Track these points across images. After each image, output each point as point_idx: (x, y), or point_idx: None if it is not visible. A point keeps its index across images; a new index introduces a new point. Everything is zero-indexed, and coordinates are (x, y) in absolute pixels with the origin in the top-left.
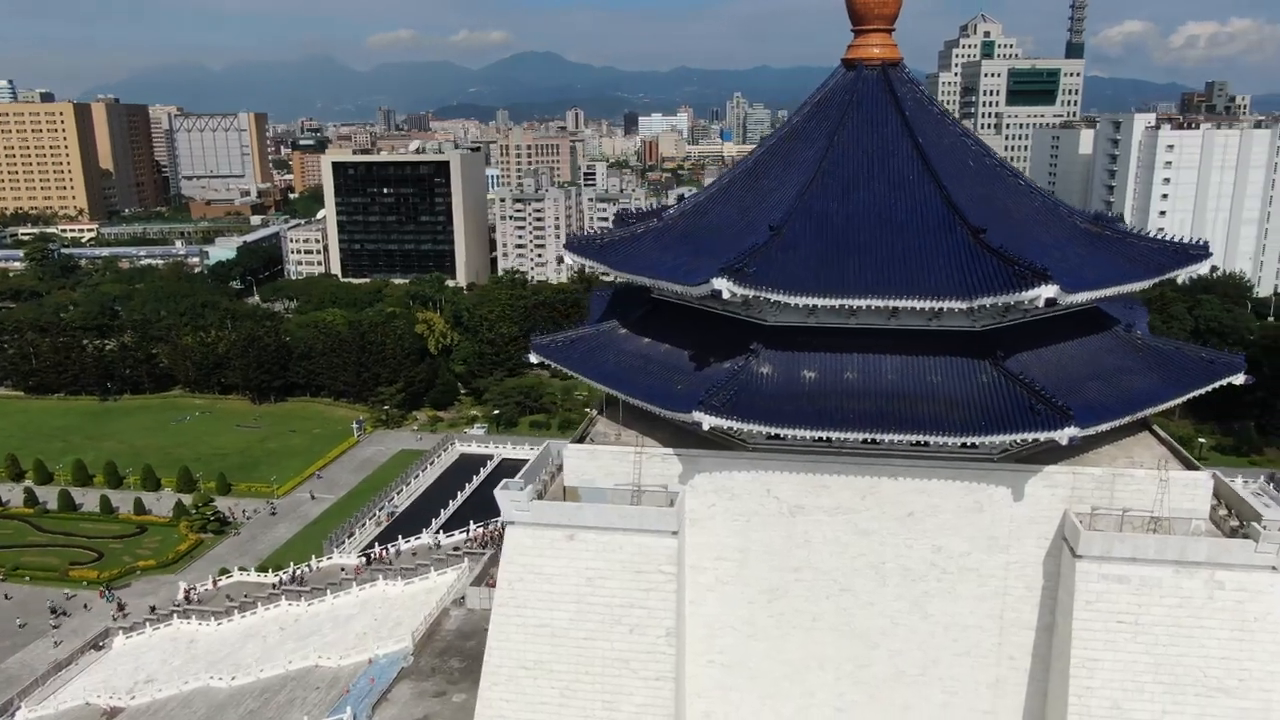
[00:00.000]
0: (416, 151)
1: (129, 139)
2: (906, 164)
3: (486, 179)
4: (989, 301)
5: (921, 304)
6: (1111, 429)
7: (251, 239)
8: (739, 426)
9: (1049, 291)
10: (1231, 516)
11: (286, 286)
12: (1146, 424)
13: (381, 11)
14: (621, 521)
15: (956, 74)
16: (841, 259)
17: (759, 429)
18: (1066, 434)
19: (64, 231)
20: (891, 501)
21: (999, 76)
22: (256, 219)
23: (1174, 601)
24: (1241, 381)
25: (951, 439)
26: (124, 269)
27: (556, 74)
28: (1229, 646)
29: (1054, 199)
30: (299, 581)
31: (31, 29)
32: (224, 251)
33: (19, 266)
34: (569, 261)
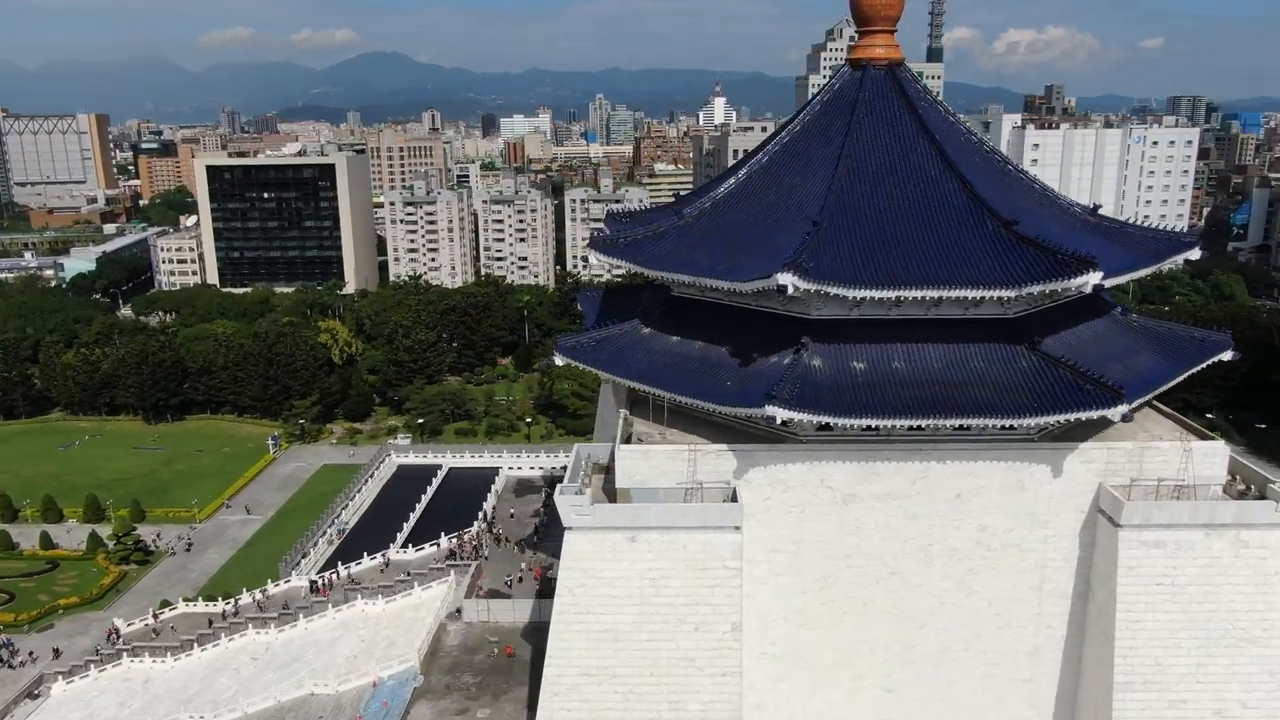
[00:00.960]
0: (298, 154)
1: None
2: (926, 160)
3: (372, 182)
4: (1036, 289)
5: (973, 293)
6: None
7: (111, 249)
8: (812, 419)
9: (1095, 278)
10: (1237, 482)
11: (162, 298)
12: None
13: (215, 9)
14: (685, 520)
15: (825, 76)
16: (883, 252)
17: (830, 420)
18: (1119, 411)
19: None
20: (940, 485)
21: None
22: (110, 227)
23: (1205, 562)
24: (1230, 357)
25: (1008, 421)
26: None
27: (406, 75)
28: (1253, 600)
29: (1050, 190)
30: (259, 608)
31: None
32: (82, 263)
33: None
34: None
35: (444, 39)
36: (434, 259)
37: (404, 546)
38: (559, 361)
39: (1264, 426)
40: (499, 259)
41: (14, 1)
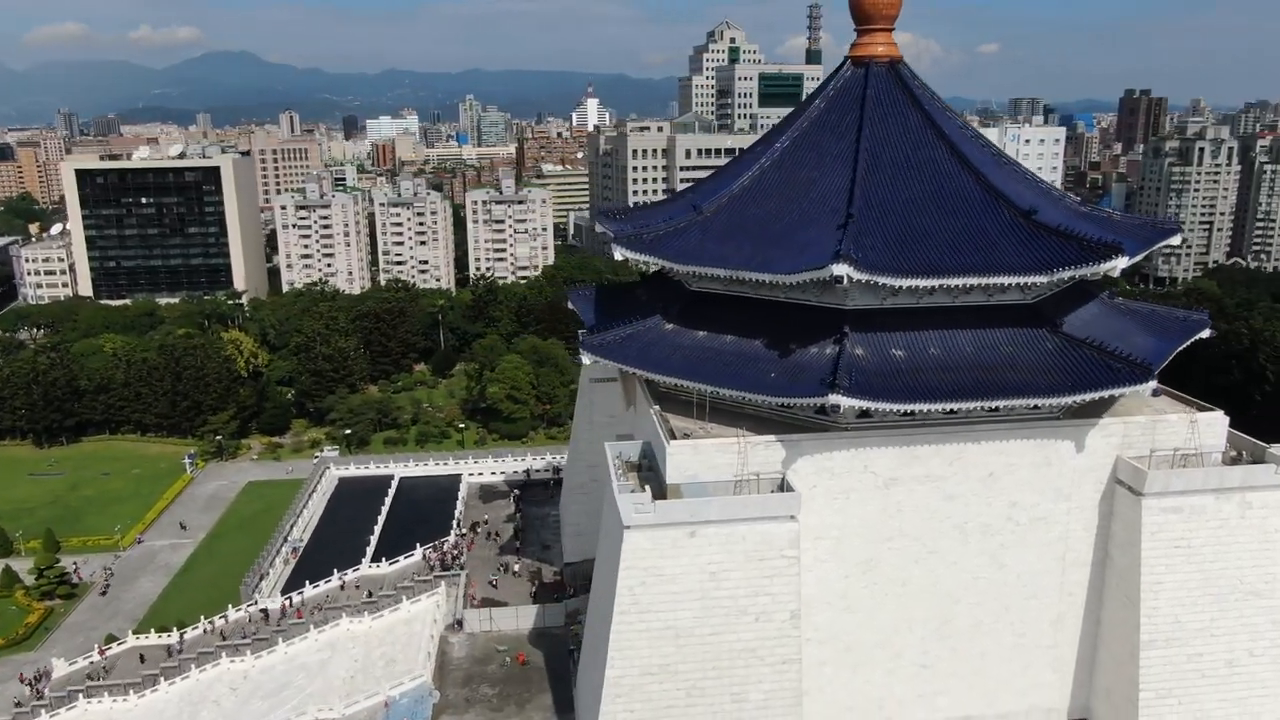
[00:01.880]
0: (179, 156)
1: None
2: (937, 154)
3: (259, 185)
4: (1067, 274)
5: (1009, 279)
6: None
7: None
8: (872, 405)
9: (1122, 263)
10: (1228, 450)
11: (32, 312)
12: None
13: (43, 3)
14: (745, 511)
15: (710, 78)
16: (914, 243)
17: (888, 406)
18: (1150, 386)
19: None
20: (975, 465)
21: (751, 80)
22: None
23: (1215, 523)
24: (1208, 334)
25: (1047, 401)
26: None
27: (255, 75)
28: (1258, 556)
29: (1041, 180)
30: (222, 635)
31: None
32: None
33: None
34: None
35: (295, 38)
36: (330, 264)
37: (375, 561)
38: (585, 360)
39: None
40: (399, 263)
41: None
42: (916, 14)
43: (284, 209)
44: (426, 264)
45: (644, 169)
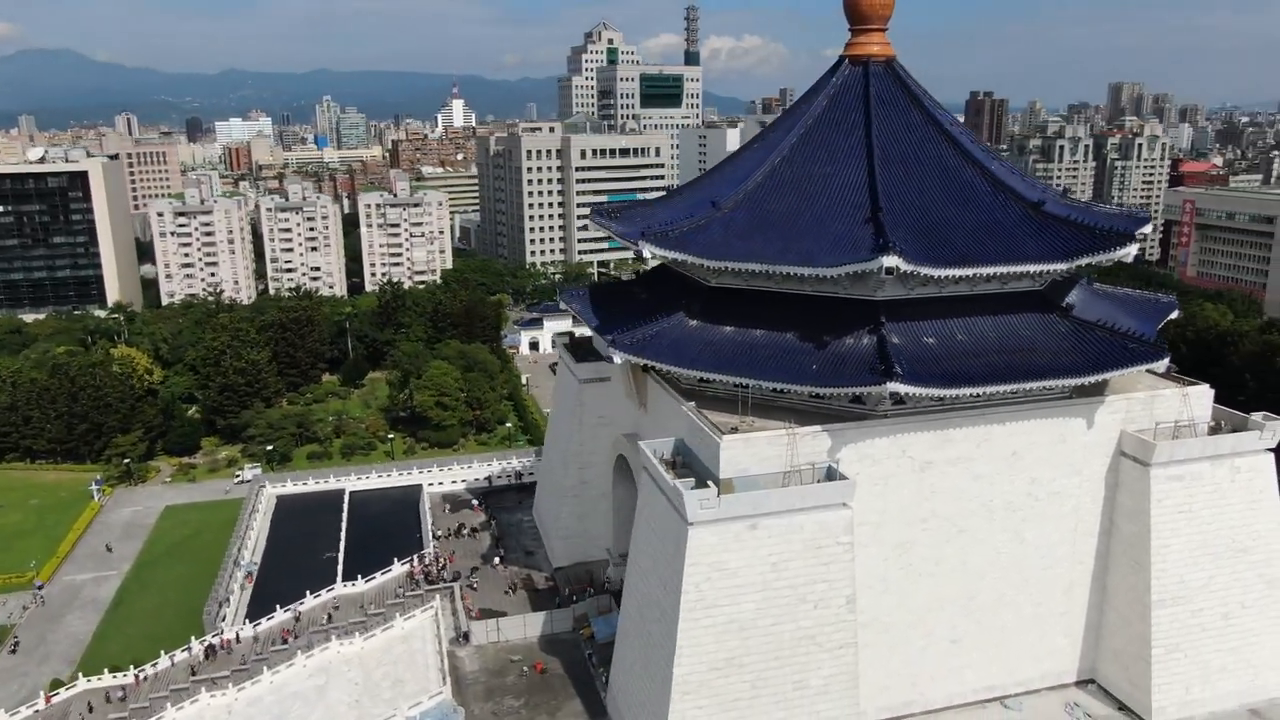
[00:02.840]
0: (40, 160)
1: None
2: (941, 150)
3: (130, 191)
4: (1084, 261)
5: (1034, 267)
6: None
7: None
8: (925, 391)
9: (1134, 249)
10: (1209, 419)
11: None
12: None
13: None
14: (803, 501)
15: (590, 78)
16: (940, 234)
17: (939, 392)
18: (1163, 364)
19: None
20: (1000, 445)
21: (633, 81)
22: None
23: (1210, 488)
24: (1175, 315)
25: (1073, 381)
26: None
27: (81, 75)
28: (1245, 515)
29: (1022, 173)
30: (191, 669)
31: None
32: None
33: None
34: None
35: (124, 35)
36: (213, 273)
37: (350, 579)
38: (617, 360)
39: None
40: (288, 270)
41: None
42: (767, 17)
43: (161, 215)
44: (319, 270)
45: (539, 170)
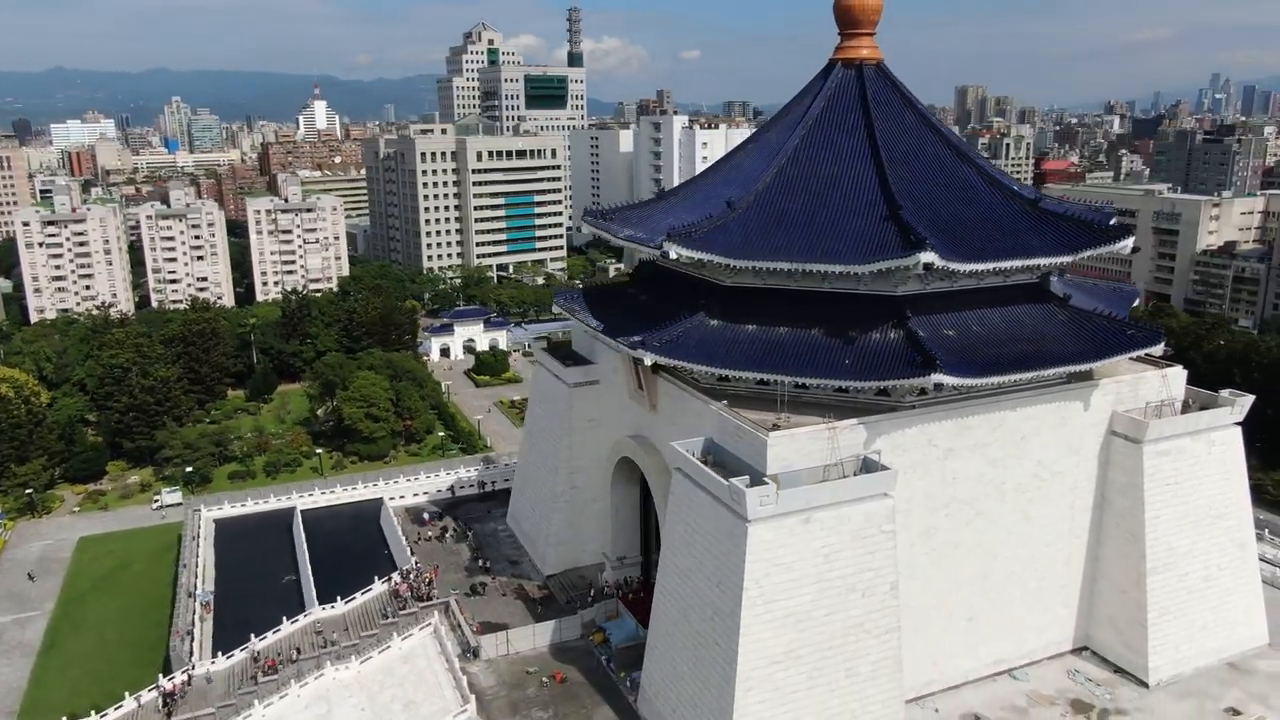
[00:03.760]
0: None
1: None
2: (938, 150)
3: None
4: (1087, 254)
5: (1044, 261)
6: None
7: None
8: (965, 382)
9: (1131, 242)
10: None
11: None
12: None
13: None
14: (851, 493)
15: (472, 79)
16: (955, 230)
17: (974, 381)
18: (1160, 348)
19: None
20: (1011, 430)
21: (517, 82)
22: None
23: (1191, 461)
24: (1135, 304)
25: (1083, 366)
26: None
27: None
28: (1219, 484)
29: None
30: (168, 714)
31: None
32: None
33: None
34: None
35: None
36: (89, 287)
37: (329, 603)
38: (647, 361)
39: None
40: (172, 281)
41: None
42: (623, 19)
43: (28, 225)
44: (205, 281)
45: (434, 172)
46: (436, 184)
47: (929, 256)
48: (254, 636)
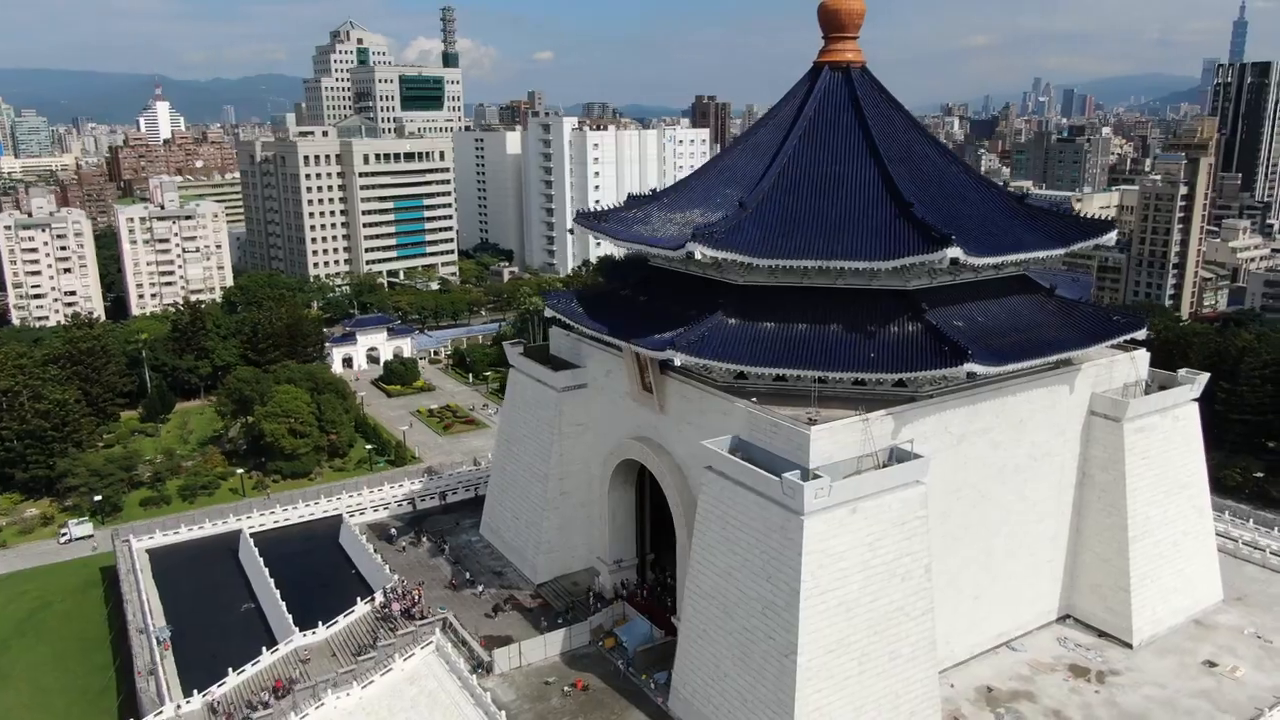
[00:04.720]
0: None
1: None
2: (927, 149)
3: None
4: (1078, 246)
5: (1045, 253)
6: None
7: None
8: (991, 370)
9: (1114, 234)
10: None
11: None
12: None
13: None
14: (891, 481)
15: (343, 79)
16: (960, 225)
17: (998, 370)
18: (1143, 333)
19: None
20: (1012, 413)
21: (392, 83)
22: None
23: (1160, 436)
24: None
25: (1078, 353)
26: None
27: None
28: (1183, 456)
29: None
30: None
31: None
32: None
33: None
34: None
35: None
36: None
37: (310, 632)
38: (677, 362)
39: None
40: (36, 296)
41: None
42: (473, 21)
43: None
44: (74, 295)
45: (317, 177)
46: (321, 188)
47: (955, 251)
48: (230, 670)
